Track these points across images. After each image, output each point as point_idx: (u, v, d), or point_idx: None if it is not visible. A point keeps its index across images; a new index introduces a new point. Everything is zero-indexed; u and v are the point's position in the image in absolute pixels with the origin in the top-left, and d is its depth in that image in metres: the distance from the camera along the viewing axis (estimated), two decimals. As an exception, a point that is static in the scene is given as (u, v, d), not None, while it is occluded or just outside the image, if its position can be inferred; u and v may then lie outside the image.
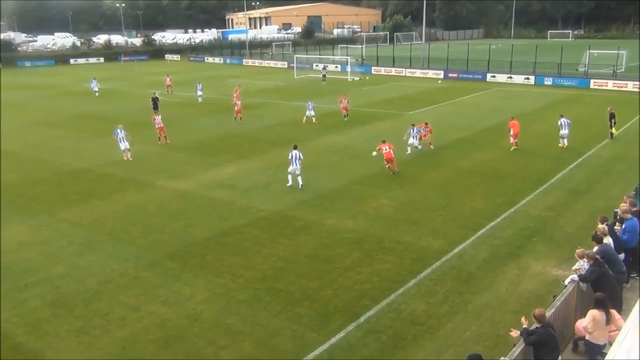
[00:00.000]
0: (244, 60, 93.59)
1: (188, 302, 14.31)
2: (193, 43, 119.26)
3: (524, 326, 9.89)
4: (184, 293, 14.81)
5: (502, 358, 9.32)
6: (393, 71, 70.87)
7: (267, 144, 32.12)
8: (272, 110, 44.08)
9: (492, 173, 25.32)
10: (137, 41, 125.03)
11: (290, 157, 23.59)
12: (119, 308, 14.10)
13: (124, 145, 28.50)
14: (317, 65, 73.03)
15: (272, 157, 29.04)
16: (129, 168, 27.38)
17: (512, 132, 29.31)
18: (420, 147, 28.89)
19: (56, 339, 12.80)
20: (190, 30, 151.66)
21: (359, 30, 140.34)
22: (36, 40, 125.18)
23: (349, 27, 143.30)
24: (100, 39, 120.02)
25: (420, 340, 12.49)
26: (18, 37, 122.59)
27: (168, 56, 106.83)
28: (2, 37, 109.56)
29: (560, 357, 9.87)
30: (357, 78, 65.81)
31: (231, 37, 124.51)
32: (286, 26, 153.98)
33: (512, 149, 29.27)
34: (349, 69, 68.14)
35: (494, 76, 61.42)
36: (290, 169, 23.64)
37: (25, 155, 30.58)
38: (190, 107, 46.78)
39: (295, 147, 23.78)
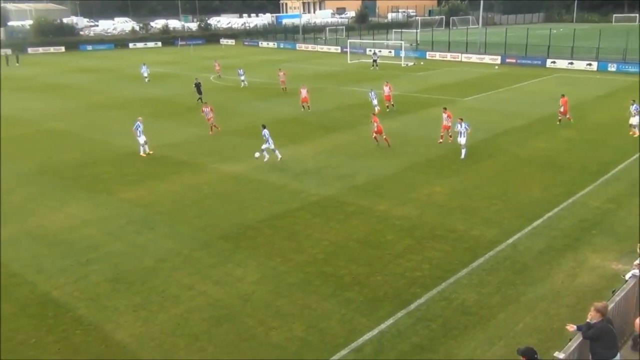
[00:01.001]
0: (297, 44, 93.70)
1: (240, 283, 14.59)
2: (247, 28, 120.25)
3: (588, 320, 9.53)
4: (236, 274, 15.10)
5: (556, 352, 9.10)
6: (448, 56, 69.50)
7: (320, 129, 32.17)
8: (325, 96, 44.03)
9: (550, 162, 24.58)
10: (193, 26, 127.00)
11: (264, 136, 25.16)
12: (174, 286, 14.52)
13: (142, 139, 27.11)
14: (370, 50, 72.38)
15: (324, 142, 29.09)
16: (184, 150, 27.99)
17: (562, 109, 31.04)
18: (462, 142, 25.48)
19: (115, 313, 13.31)
20: (244, 15, 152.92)
21: (414, 14, 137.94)
22: (97, 25, 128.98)
23: (404, 11, 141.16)
24: (158, 23, 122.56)
25: (471, 330, 12.34)
26: (81, 21, 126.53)
27: (223, 40, 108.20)
28: (65, 21, 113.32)
29: (618, 355, 9.55)
30: (411, 63, 64.89)
31: (285, 21, 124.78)
32: (340, 10, 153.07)
33: (558, 123, 30.86)
34: (402, 54, 67.25)
35: (554, 62, 59.36)
36: (264, 146, 25.14)
37: (86, 137, 31.69)
38: (243, 91, 47.28)
39: (264, 127, 25.53)
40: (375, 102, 35.44)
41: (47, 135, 32.27)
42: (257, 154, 25.19)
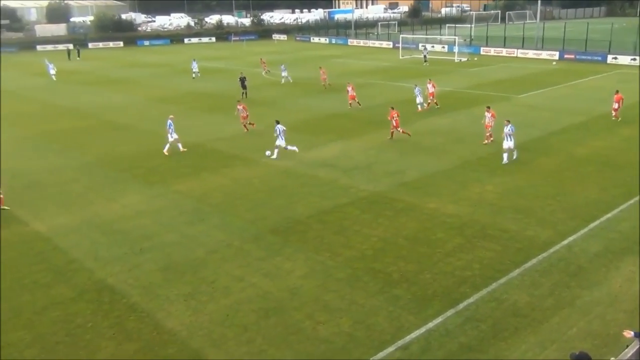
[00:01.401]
0: (349, 40, 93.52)
1: (288, 277, 14.72)
2: (300, 23, 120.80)
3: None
4: (285, 267, 15.24)
5: (612, 359, 8.80)
6: (504, 52, 67.93)
7: (370, 124, 32.04)
8: (376, 91, 43.82)
9: (609, 162, 23.70)
10: (247, 21, 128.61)
11: (276, 133, 25.26)
12: (224, 277, 14.78)
13: (174, 136, 26.83)
14: (422, 46, 71.52)
15: (375, 138, 28.96)
16: (236, 144, 28.41)
17: (615, 106, 30.27)
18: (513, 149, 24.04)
19: (166, 302, 13.66)
20: (297, 11, 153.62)
21: (469, 8, 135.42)
22: (154, 21, 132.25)
23: (458, 6, 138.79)
24: (213, 19, 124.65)
25: (521, 332, 12.06)
26: (138, 17, 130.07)
27: (275, 36, 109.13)
28: (124, 17, 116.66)
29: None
30: (464, 59, 63.76)
31: (337, 17, 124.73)
32: (393, 5, 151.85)
33: (617, 119, 30.25)
34: (456, 49, 66.11)
35: (615, 58, 57.14)
36: (278, 142, 25.16)
37: (143, 129, 32.60)
38: (293, 86, 47.55)
39: (277, 122, 25.53)
40: (419, 99, 34.93)
41: (107, 128, 33.36)
42: (267, 152, 25.54)
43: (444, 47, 74.02)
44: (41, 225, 18.65)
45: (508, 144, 23.46)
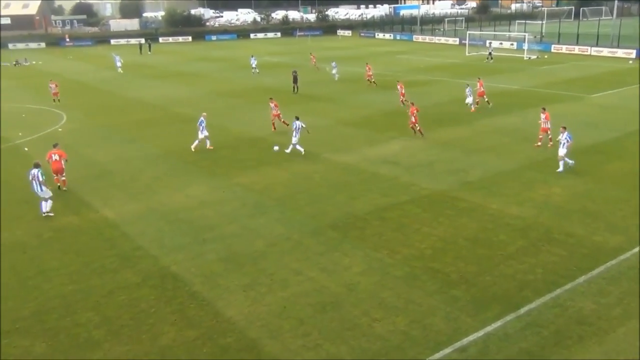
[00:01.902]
0: (414, 36, 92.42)
1: (346, 272, 14.75)
2: (365, 19, 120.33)
3: None
4: (343, 263, 15.27)
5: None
6: (576, 49, 65.36)
7: (433, 122, 31.56)
8: (440, 88, 43.13)
9: (688, 167, 22.39)
10: (312, 17, 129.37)
11: (293, 127, 25.27)
12: (282, 270, 14.97)
13: (205, 133, 26.81)
14: (490, 43, 69.73)
15: (438, 135, 28.54)
16: (299, 139, 28.57)
17: None
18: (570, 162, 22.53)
19: (226, 292, 13.98)
20: (362, 6, 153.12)
21: (540, 4, 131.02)
22: (222, 16, 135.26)
23: (529, 2, 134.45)
24: (279, 14, 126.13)
25: (586, 341, 11.61)
26: (207, 13, 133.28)
27: (340, 32, 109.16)
28: (193, 12, 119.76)
29: None
30: (534, 56, 61.74)
31: (403, 12, 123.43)
32: (460, 2, 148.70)
33: None
34: (525, 46, 64.13)
35: (699, 57, 53.87)
36: (293, 140, 25.24)
37: (208, 122, 33.29)
38: (356, 82, 47.41)
39: (297, 118, 25.54)
40: (470, 99, 34.01)
41: (174, 120, 34.38)
42: (290, 148, 25.57)
43: (512, 44, 71.95)
44: (110, 212, 19.46)
45: (562, 150, 22.24)
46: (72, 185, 22.30)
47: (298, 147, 25.55)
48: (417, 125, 27.97)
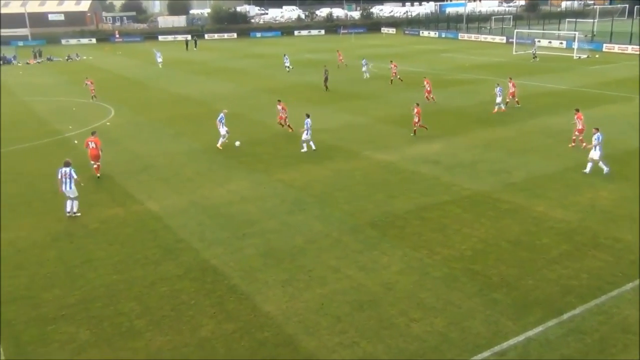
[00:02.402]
0: (459, 34, 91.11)
1: (384, 271, 14.68)
2: (409, 16, 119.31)
3: None
4: (381, 262, 15.21)
5: None
6: (629, 49, 63.22)
7: (477, 121, 31.09)
8: (485, 87, 42.35)
9: None
10: (356, 14, 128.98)
11: (306, 126, 25.54)
12: (320, 267, 15.01)
13: (224, 130, 27.01)
14: (538, 42, 68.15)
15: (481, 135, 28.08)
16: (338, 137, 28.64)
17: None
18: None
19: (265, 286, 14.11)
20: (407, 4, 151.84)
21: (592, 2, 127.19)
22: (267, 13, 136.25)
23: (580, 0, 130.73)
24: (323, 12, 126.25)
25: (631, 350, 11.24)
26: (252, 10, 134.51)
27: (384, 29, 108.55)
28: (238, 10, 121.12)
29: None
30: (584, 56, 60.04)
31: (448, 10, 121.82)
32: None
33: None
34: (575, 45, 62.39)
35: None
36: (305, 137, 25.52)
37: (251, 118, 33.76)
38: (398, 80, 47.03)
39: (308, 116, 25.81)
40: (499, 99, 32.90)
41: (217, 115, 34.82)
42: (304, 147, 25.84)
43: (562, 43, 70.13)
44: (154, 205, 19.89)
45: (594, 153, 21.63)
46: (119, 178, 22.92)
47: (311, 143, 25.82)
48: (417, 125, 28.01)
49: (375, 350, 11.49)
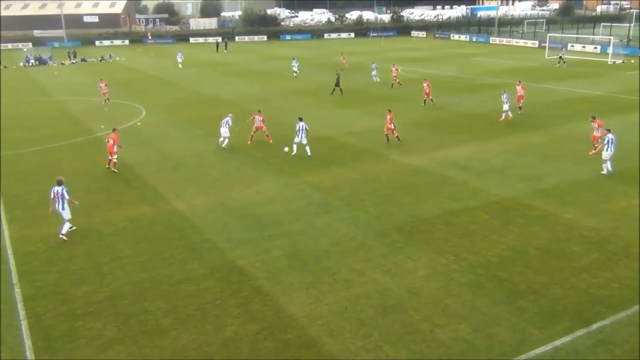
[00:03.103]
0: (491, 38, 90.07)
1: (409, 276, 14.57)
2: (440, 20, 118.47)
3: None
4: (406, 266, 15.10)
5: None
6: (667, 54, 61.63)
7: (507, 126, 30.68)
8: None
9: None
10: (386, 17, 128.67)
11: (297, 129, 25.23)
12: (345, 270, 14.98)
13: (226, 133, 27.32)
14: (572, 46, 67.01)
15: (512, 140, 27.69)
16: (367, 139, 28.57)
17: None
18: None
19: (289, 288, 14.14)
20: (438, 7, 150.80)
21: (628, 6, 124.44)
22: (297, 16, 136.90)
23: (616, 4, 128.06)
24: (353, 15, 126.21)
25: (663, 363, 10.95)
26: (282, 12, 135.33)
27: (414, 33, 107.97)
28: (269, 12, 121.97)
29: None
30: (619, 61, 58.81)
31: (480, 13, 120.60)
32: (542, 2, 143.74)
33: None
34: (610, 50, 61.11)
35: None
36: (296, 139, 25.30)
37: (278, 119, 33.86)
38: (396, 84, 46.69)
39: (300, 119, 25.48)
40: (506, 106, 31.68)
41: (246, 116, 34.99)
42: (285, 148, 25.68)
43: (596, 48, 68.78)
44: (182, 204, 20.12)
45: (606, 154, 22.01)
46: (148, 177, 23.25)
47: (307, 148, 25.56)
48: (394, 132, 27.39)
49: (398, 355, 11.41)
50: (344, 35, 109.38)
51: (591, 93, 40.55)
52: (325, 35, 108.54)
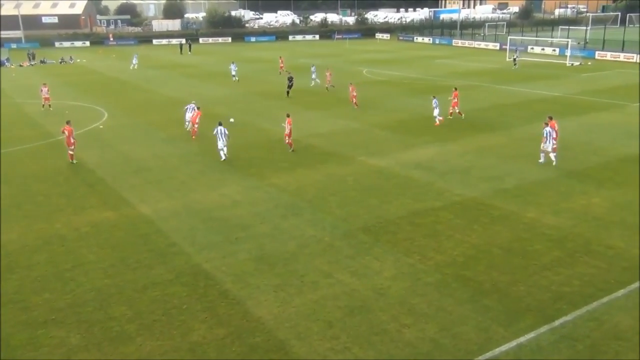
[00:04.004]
0: (453, 40, 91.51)
1: (376, 277, 14.66)
2: (404, 22, 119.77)
3: None
4: (373, 267, 15.19)
5: None
6: (621, 57, 63.67)
7: (470, 128, 31.19)
8: (478, 94, 42.55)
9: None
10: (351, 20, 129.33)
11: (215, 133, 25.42)
12: (313, 272, 14.98)
13: (189, 117, 30.04)
14: (532, 48, 68.49)
15: (474, 141, 28.16)
16: (332, 141, 28.65)
17: None
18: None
19: (256, 291, 14.06)
20: (402, 10, 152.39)
21: (585, 10, 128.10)
22: (262, 18, 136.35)
23: (573, 7, 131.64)
24: (317, 17, 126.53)
25: (622, 357, 11.27)
26: (247, 14, 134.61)
27: (378, 35, 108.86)
28: (233, 14, 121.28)
29: None
30: (577, 63, 60.45)
31: (443, 16, 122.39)
32: (502, 5, 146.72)
33: None
34: (568, 52, 62.80)
35: None
36: (220, 144, 25.38)
37: (243, 122, 33.66)
38: (391, 86, 47.17)
39: (220, 124, 25.52)
40: (436, 112, 31.93)
41: (211, 119, 34.73)
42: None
43: (554, 50, 70.57)
44: (146, 208, 19.80)
45: (545, 145, 23.71)
46: (111, 181, 22.82)
47: (225, 149, 25.51)
48: (289, 138, 26.86)
49: (366, 356, 11.46)
50: (308, 37, 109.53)
51: (550, 94, 41.57)
52: (290, 37, 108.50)
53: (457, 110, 33.59)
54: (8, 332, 12.45)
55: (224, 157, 25.51)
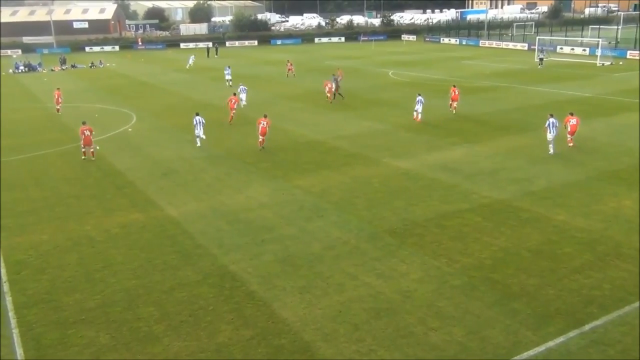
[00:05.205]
0: (480, 41, 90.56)
1: (402, 279, 14.58)
2: (430, 23, 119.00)
3: None
4: (400, 269, 15.11)
5: None
6: (654, 56, 62.19)
7: (498, 129, 30.83)
8: (506, 95, 42.02)
9: None
10: (377, 21, 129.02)
11: (194, 123, 28.18)
12: (338, 274, 14.96)
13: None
14: (561, 48, 67.40)
15: (501, 143, 27.82)
16: (358, 144, 28.60)
17: None
18: None
19: (282, 293, 14.10)
20: (428, 11, 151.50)
21: (616, 9, 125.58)
22: (287, 21, 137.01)
23: (604, 6, 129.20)
24: (343, 19, 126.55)
25: (656, 363, 11.01)
26: (273, 17, 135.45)
27: (404, 36, 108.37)
28: (259, 17, 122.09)
29: None
30: (607, 63, 59.26)
31: (470, 17, 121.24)
32: (530, 5, 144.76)
33: None
34: (598, 52, 61.61)
35: None
36: (196, 132, 28.23)
37: (270, 124, 33.80)
38: (418, 87, 46.86)
39: (197, 114, 28.48)
40: (419, 107, 32.45)
41: (237, 122, 35.04)
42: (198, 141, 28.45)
43: (584, 50, 69.29)
44: (174, 210, 20.04)
45: (549, 135, 24.99)
46: (139, 183, 23.16)
47: (201, 137, 28.38)
48: (262, 138, 27.56)
49: (392, 359, 11.40)
50: (334, 39, 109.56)
51: (581, 95, 40.85)
52: (316, 40, 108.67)
53: (454, 105, 34.80)
54: (39, 331, 12.72)
55: (199, 144, 28.26)
